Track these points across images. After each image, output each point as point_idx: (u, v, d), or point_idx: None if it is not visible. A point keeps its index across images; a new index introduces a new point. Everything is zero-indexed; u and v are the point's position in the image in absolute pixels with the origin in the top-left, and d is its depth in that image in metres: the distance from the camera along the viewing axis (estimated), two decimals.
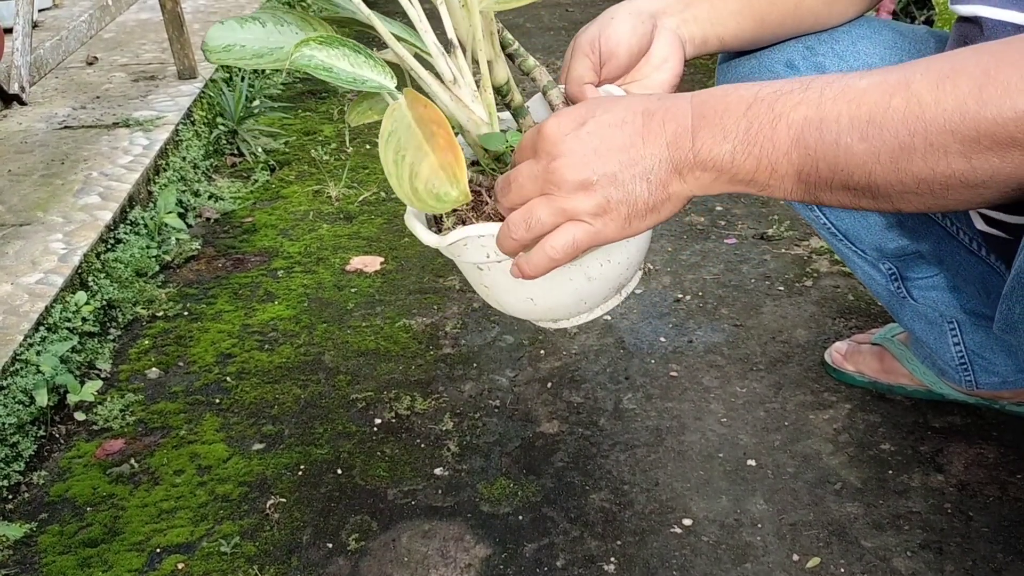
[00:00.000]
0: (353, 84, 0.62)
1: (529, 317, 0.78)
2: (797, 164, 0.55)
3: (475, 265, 0.72)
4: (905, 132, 0.52)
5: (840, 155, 0.54)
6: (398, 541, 1.07)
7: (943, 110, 0.51)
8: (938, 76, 0.52)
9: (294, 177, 2.07)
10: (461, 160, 0.60)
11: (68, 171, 1.88)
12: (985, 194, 0.53)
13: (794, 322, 1.43)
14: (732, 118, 0.57)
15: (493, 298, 0.76)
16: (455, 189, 0.60)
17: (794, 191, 0.57)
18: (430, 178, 0.60)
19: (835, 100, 0.54)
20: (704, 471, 1.15)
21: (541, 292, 0.72)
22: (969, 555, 1.00)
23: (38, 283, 1.47)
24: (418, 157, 0.60)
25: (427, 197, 0.60)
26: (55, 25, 2.81)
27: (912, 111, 0.52)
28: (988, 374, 1.11)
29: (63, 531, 1.12)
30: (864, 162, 0.54)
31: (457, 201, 0.60)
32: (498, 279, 0.72)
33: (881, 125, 0.53)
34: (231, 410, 1.32)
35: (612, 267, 0.72)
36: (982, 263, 0.98)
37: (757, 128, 0.56)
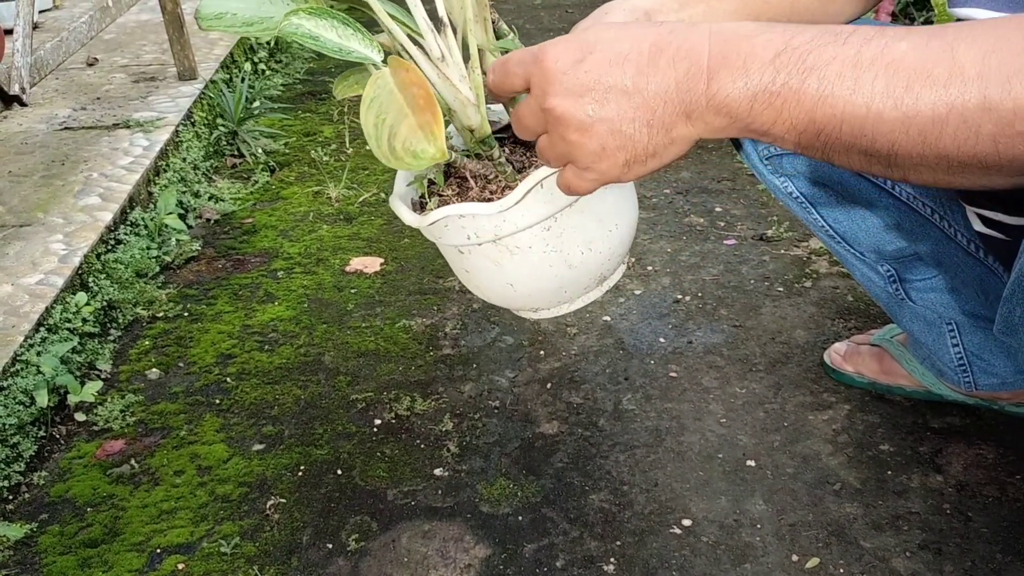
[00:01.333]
0: (339, 54, 0.63)
1: (509, 305, 0.77)
2: (820, 123, 0.52)
3: (456, 248, 0.71)
4: (942, 105, 0.49)
5: (869, 121, 0.51)
6: (398, 541, 1.08)
7: (985, 86, 0.48)
8: (984, 48, 0.49)
9: (294, 178, 2.08)
10: (439, 119, 0.59)
11: (68, 172, 1.88)
12: (996, 179, 0.51)
13: (793, 323, 1.43)
14: (757, 64, 0.52)
15: (473, 283, 0.75)
16: (432, 146, 0.59)
17: (808, 147, 0.54)
18: (408, 137, 0.59)
19: (873, 61, 0.50)
20: (703, 472, 1.15)
21: (521, 278, 0.71)
22: (968, 555, 1.00)
23: (38, 284, 1.47)
24: (398, 119, 0.60)
25: (404, 155, 0.60)
26: (55, 26, 2.81)
27: (954, 84, 0.49)
28: (987, 375, 1.11)
29: (63, 531, 1.12)
30: (892, 130, 0.50)
31: (434, 158, 0.59)
32: (478, 263, 0.71)
33: (918, 95, 0.49)
34: (231, 411, 1.32)
35: (594, 256, 0.71)
36: (980, 265, 0.98)
37: (784, 79, 0.52)
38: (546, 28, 3.08)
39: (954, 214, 0.98)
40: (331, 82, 2.67)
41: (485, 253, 0.70)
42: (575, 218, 0.70)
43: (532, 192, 0.66)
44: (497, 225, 0.67)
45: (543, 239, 0.69)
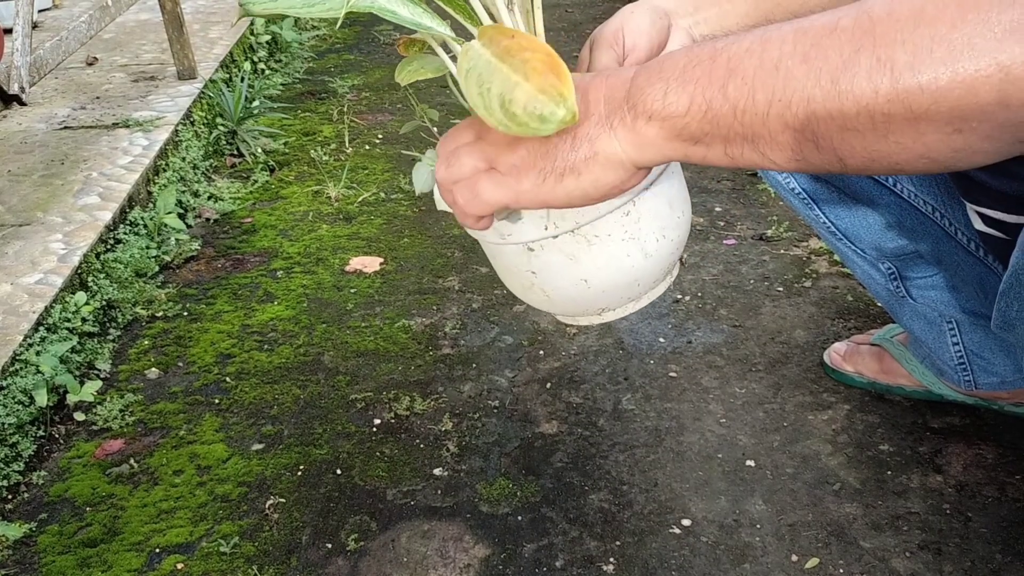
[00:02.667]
0: (415, 25, 0.60)
1: (576, 307, 0.73)
2: (733, 98, 0.49)
3: (526, 246, 0.68)
4: (850, 48, 0.46)
5: (779, 80, 0.48)
6: (397, 541, 1.08)
7: (897, 20, 0.45)
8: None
9: (293, 178, 2.08)
10: (567, 79, 0.54)
11: (68, 171, 1.88)
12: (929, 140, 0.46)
13: (793, 323, 1.43)
14: (671, 60, 0.52)
15: (539, 286, 0.71)
16: (562, 108, 0.53)
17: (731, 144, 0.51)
18: (528, 102, 0.54)
19: (780, 27, 0.49)
20: (703, 472, 1.15)
21: (598, 272, 0.68)
22: (967, 556, 1.00)
23: (38, 283, 1.47)
24: (507, 87, 0.55)
25: (528, 119, 0.54)
26: (55, 26, 2.81)
27: (861, 25, 0.46)
28: (987, 374, 1.11)
29: (62, 531, 1.12)
30: (804, 86, 0.47)
31: (564, 121, 0.53)
32: (551, 260, 0.68)
33: (826, 46, 0.47)
34: (230, 410, 1.32)
35: (667, 243, 0.69)
36: (980, 263, 0.98)
37: (695, 64, 0.51)
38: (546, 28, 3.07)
39: (955, 212, 0.98)
40: (331, 81, 2.67)
41: (561, 247, 0.67)
42: (651, 202, 0.68)
43: None
44: (580, 211, 0.64)
45: (622, 225, 0.67)
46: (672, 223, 0.69)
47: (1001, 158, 0.47)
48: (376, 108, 2.47)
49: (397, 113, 2.44)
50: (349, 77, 2.71)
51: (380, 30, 3.19)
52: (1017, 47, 0.42)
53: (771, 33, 0.50)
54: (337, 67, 2.83)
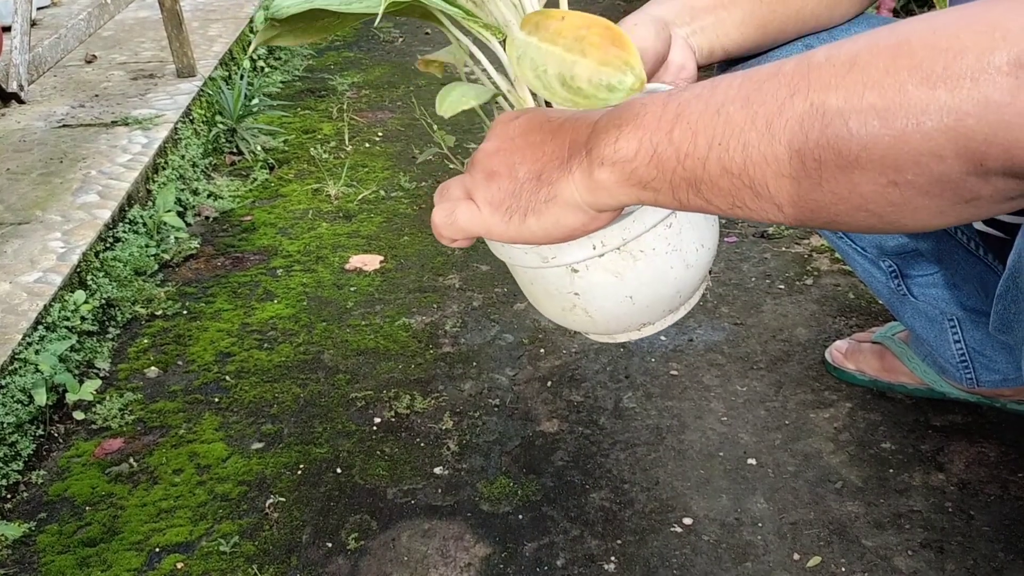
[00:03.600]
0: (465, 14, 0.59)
1: (617, 325, 0.73)
2: (677, 142, 0.49)
3: (569, 268, 0.66)
4: (786, 92, 0.45)
5: (719, 124, 0.47)
6: (398, 540, 1.07)
7: (833, 64, 0.45)
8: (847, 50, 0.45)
9: (293, 175, 2.07)
10: (631, 48, 0.53)
11: (67, 170, 1.87)
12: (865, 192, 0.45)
13: (794, 320, 1.42)
14: (630, 106, 0.53)
15: (581, 307, 0.70)
16: (629, 75, 0.52)
17: (677, 189, 0.51)
18: (592, 76, 0.53)
19: (732, 77, 0.49)
20: (704, 470, 1.14)
21: (643, 287, 0.67)
22: (970, 554, 1.00)
23: (37, 282, 1.46)
24: (565, 67, 0.55)
25: (596, 91, 0.54)
26: (53, 23, 2.81)
27: (800, 70, 0.46)
28: (989, 372, 1.11)
29: (62, 530, 1.12)
30: (741, 130, 0.46)
31: (632, 88, 0.53)
32: (596, 280, 0.67)
33: (766, 90, 0.46)
34: (230, 409, 1.32)
35: (705, 252, 0.69)
36: (980, 262, 0.98)
37: (649, 110, 0.51)
38: None
39: None
40: (330, 79, 2.67)
41: (606, 265, 0.66)
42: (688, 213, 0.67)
43: None
44: (626, 227, 0.64)
45: (666, 238, 0.66)
46: (708, 232, 0.69)
47: (953, 220, 0.45)
48: (376, 106, 2.47)
49: (397, 111, 2.43)
50: (349, 75, 2.70)
51: (380, 27, 3.18)
52: (949, 96, 0.40)
53: (723, 79, 0.49)
54: (337, 65, 2.82)
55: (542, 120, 0.58)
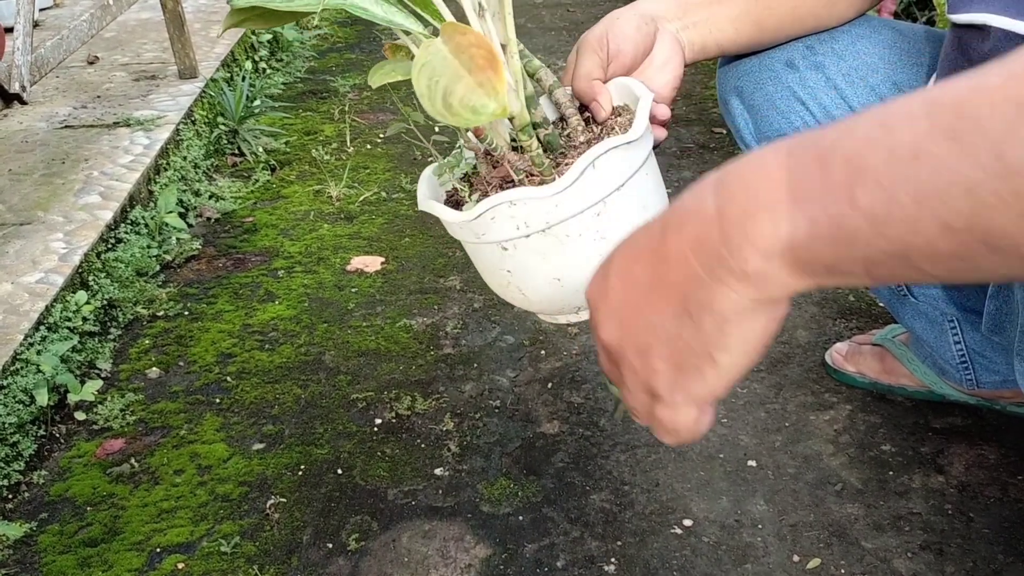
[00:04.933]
0: (387, 23, 0.62)
1: (551, 305, 0.73)
2: (868, 208, 0.37)
3: (499, 245, 0.68)
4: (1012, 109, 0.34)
5: (923, 171, 0.36)
6: (398, 541, 1.07)
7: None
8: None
9: (295, 177, 2.07)
10: (501, 75, 0.56)
11: (69, 170, 1.88)
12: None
13: (795, 323, 1.43)
14: (765, 182, 0.40)
15: (515, 285, 0.70)
16: (493, 101, 0.54)
17: (876, 267, 0.39)
18: (465, 95, 0.56)
19: (897, 103, 0.38)
20: (705, 472, 1.15)
21: (570, 270, 0.67)
22: (969, 556, 1.00)
23: (38, 282, 1.47)
24: (453, 80, 0.57)
25: (462, 111, 0.56)
26: (56, 24, 2.81)
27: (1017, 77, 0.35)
28: (989, 373, 1.11)
29: (63, 531, 1.12)
30: (959, 170, 0.35)
31: (494, 114, 0.55)
32: (524, 260, 0.67)
33: (976, 115, 0.35)
34: (231, 410, 1.32)
35: None
36: None
37: (803, 181, 0.39)
38: (547, 27, 3.08)
39: None
40: (332, 81, 2.67)
41: (533, 246, 0.66)
42: (622, 203, 0.68)
43: (586, 173, 0.64)
44: (549, 211, 0.65)
45: (594, 226, 0.67)
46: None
47: None
48: (377, 107, 2.47)
49: (398, 113, 2.43)
50: (350, 76, 2.71)
51: (382, 30, 3.19)
52: None
53: (890, 111, 0.38)
54: (338, 66, 2.82)
55: (634, 253, 0.47)
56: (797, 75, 0.95)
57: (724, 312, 0.42)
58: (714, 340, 0.43)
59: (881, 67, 0.94)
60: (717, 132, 2.13)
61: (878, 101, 0.95)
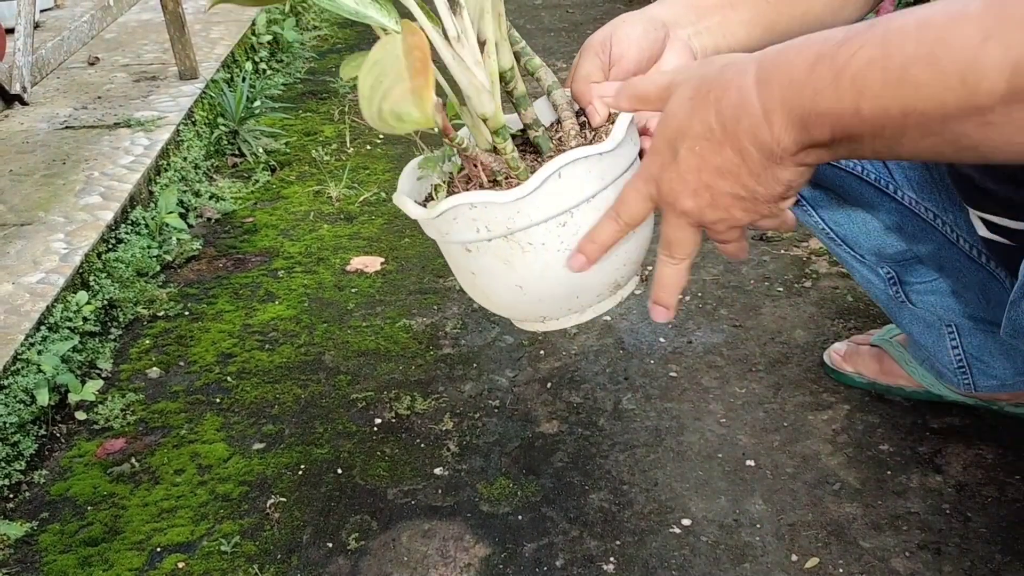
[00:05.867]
0: (355, 16, 0.60)
1: (516, 312, 0.74)
2: (869, 120, 0.51)
3: (463, 246, 0.68)
4: (978, 38, 0.45)
5: (907, 92, 0.48)
6: (398, 540, 1.08)
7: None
8: None
9: (295, 177, 2.08)
10: (431, 83, 0.56)
11: (69, 171, 1.88)
12: None
13: (793, 323, 1.43)
14: (797, 90, 0.53)
15: (480, 287, 0.72)
16: (417, 110, 0.55)
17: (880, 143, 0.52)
18: (398, 100, 0.55)
19: (903, 27, 0.48)
20: (703, 471, 1.15)
21: (532, 279, 0.67)
22: (967, 555, 1.00)
23: (39, 283, 1.47)
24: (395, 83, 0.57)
25: (389, 118, 0.56)
26: (57, 25, 2.82)
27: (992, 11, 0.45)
28: (986, 377, 1.11)
29: (64, 530, 1.12)
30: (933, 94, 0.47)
31: (418, 123, 0.56)
32: (487, 264, 0.68)
33: (950, 41, 0.46)
34: (231, 410, 1.32)
35: (609, 260, 0.68)
36: (982, 270, 0.98)
37: (823, 93, 0.52)
38: (547, 28, 3.08)
39: (956, 219, 0.98)
40: (332, 81, 2.67)
41: (495, 251, 0.66)
42: (591, 216, 0.66)
43: (549, 182, 0.63)
44: (511, 217, 0.64)
45: (558, 236, 0.66)
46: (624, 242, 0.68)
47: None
48: None
49: None
50: None
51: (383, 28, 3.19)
52: None
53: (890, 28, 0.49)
54: (338, 67, 2.83)
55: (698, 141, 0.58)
56: None
57: (780, 177, 0.57)
58: (777, 192, 0.58)
59: None
60: None
61: None
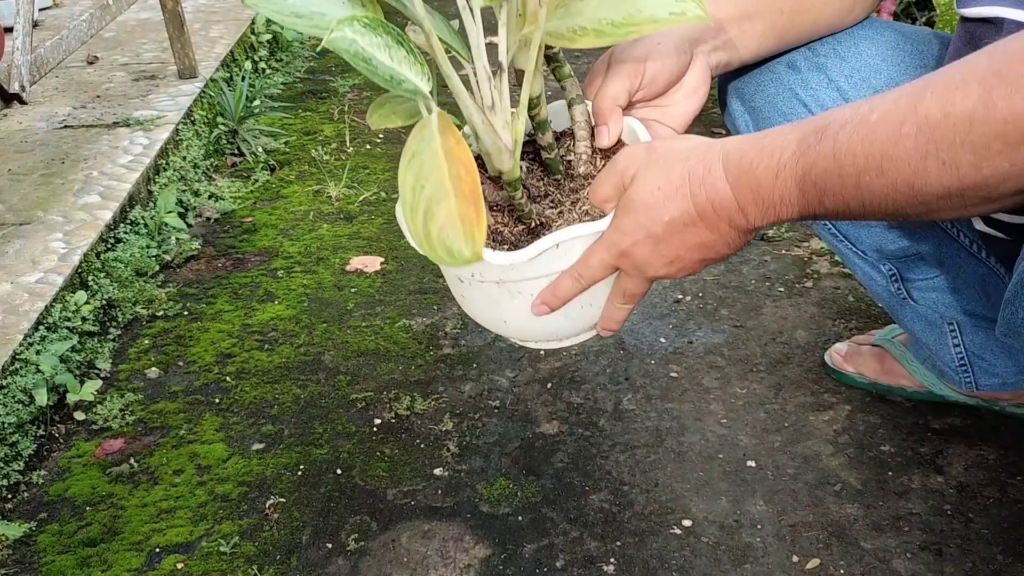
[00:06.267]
0: (389, 84, 0.57)
1: (499, 332, 0.79)
2: (832, 209, 0.59)
3: (457, 276, 0.72)
4: (917, 156, 0.53)
5: (863, 193, 0.56)
6: (398, 541, 1.07)
7: (952, 123, 0.51)
8: (947, 88, 0.52)
9: (294, 177, 2.07)
10: (483, 217, 0.57)
11: (68, 170, 1.88)
12: (1006, 203, 0.54)
13: (794, 323, 1.43)
14: (766, 193, 0.61)
15: (467, 307, 0.77)
16: (468, 249, 0.56)
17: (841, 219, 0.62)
18: (445, 225, 0.55)
19: (849, 142, 0.56)
20: (704, 472, 1.15)
21: (516, 319, 0.72)
22: (968, 557, 1.00)
23: (38, 282, 1.47)
24: (438, 193, 0.56)
25: (439, 247, 0.57)
26: (55, 24, 2.81)
27: (923, 134, 0.52)
28: (988, 376, 1.11)
29: (62, 531, 1.12)
30: (886, 195, 0.55)
31: (467, 261, 0.57)
32: (476, 295, 0.72)
33: (894, 157, 0.54)
34: (231, 410, 1.32)
35: (593, 311, 0.73)
36: (982, 265, 0.98)
37: (788, 196, 0.60)
38: None
39: None
40: (332, 81, 2.67)
41: (486, 290, 0.70)
42: None
43: (547, 252, 0.66)
44: (505, 271, 0.68)
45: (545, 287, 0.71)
46: (603, 295, 0.72)
47: None
48: None
49: None
50: (350, 76, 2.71)
51: None
52: None
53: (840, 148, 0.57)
54: (338, 66, 2.82)
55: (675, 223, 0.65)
56: (799, 76, 0.95)
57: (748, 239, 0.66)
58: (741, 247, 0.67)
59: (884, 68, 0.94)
60: (717, 132, 2.13)
61: None
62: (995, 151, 0.50)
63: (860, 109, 0.56)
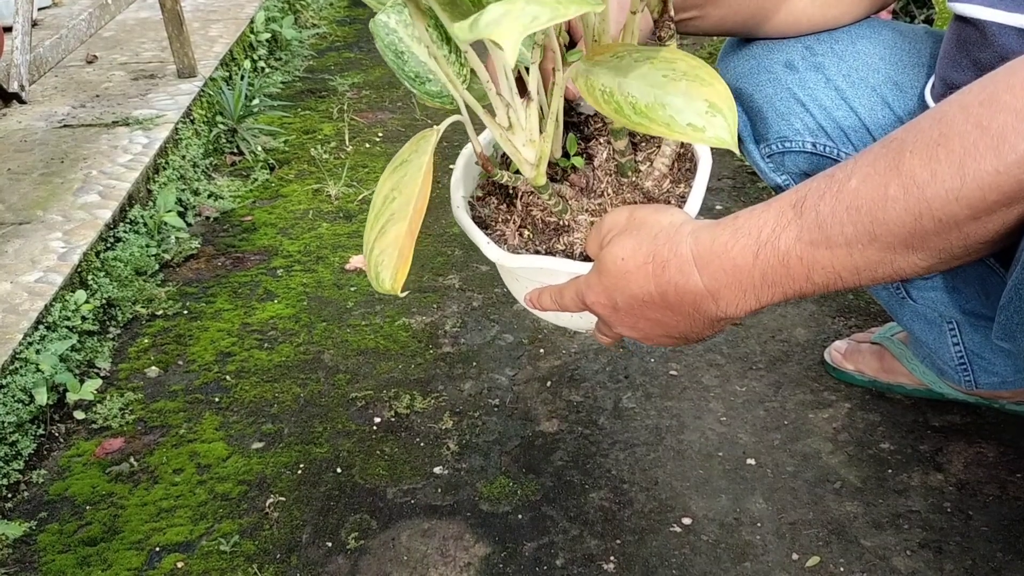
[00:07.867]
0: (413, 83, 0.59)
1: None
2: (821, 283, 0.57)
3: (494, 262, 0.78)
4: (910, 219, 0.51)
5: (857, 260, 0.54)
6: (397, 540, 1.07)
7: (942, 183, 0.50)
8: (928, 145, 0.51)
9: (294, 176, 2.07)
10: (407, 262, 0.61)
11: (68, 170, 1.88)
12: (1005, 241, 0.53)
13: (794, 321, 1.43)
14: (745, 274, 0.59)
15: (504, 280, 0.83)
16: (388, 283, 0.61)
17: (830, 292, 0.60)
18: (387, 248, 0.59)
19: (833, 213, 0.54)
20: (703, 470, 1.15)
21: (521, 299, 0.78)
22: (968, 554, 1.00)
23: (37, 281, 1.47)
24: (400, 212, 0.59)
25: (372, 265, 0.62)
26: (54, 24, 2.81)
27: (912, 195, 0.51)
28: (987, 374, 1.11)
29: (62, 530, 1.12)
30: (882, 258, 0.54)
31: (386, 292, 0.62)
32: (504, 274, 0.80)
33: (885, 221, 0.52)
34: (230, 409, 1.32)
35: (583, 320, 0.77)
36: (980, 263, 0.98)
37: (771, 274, 0.58)
38: None
39: None
40: (331, 79, 2.67)
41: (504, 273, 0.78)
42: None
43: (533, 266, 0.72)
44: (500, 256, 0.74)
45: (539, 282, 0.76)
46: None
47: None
48: (376, 106, 2.47)
49: (397, 111, 2.44)
50: (349, 75, 2.71)
51: None
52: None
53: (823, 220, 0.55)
54: (337, 65, 2.82)
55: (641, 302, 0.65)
56: (796, 76, 0.95)
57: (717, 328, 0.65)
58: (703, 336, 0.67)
59: (882, 67, 0.94)
60: None
61: (879, 101, 0.95)
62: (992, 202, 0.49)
63: (835, 176, 0.55)
